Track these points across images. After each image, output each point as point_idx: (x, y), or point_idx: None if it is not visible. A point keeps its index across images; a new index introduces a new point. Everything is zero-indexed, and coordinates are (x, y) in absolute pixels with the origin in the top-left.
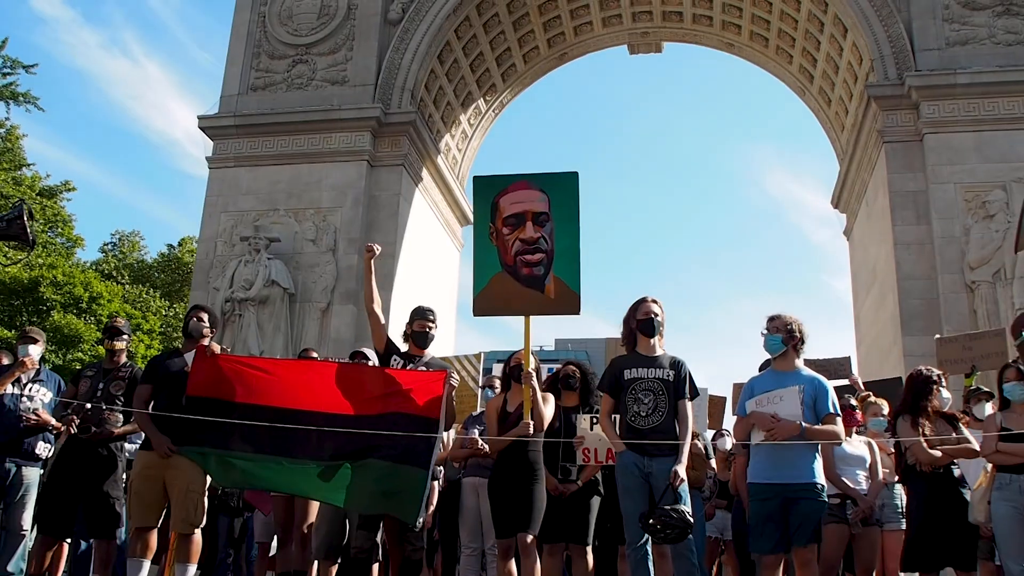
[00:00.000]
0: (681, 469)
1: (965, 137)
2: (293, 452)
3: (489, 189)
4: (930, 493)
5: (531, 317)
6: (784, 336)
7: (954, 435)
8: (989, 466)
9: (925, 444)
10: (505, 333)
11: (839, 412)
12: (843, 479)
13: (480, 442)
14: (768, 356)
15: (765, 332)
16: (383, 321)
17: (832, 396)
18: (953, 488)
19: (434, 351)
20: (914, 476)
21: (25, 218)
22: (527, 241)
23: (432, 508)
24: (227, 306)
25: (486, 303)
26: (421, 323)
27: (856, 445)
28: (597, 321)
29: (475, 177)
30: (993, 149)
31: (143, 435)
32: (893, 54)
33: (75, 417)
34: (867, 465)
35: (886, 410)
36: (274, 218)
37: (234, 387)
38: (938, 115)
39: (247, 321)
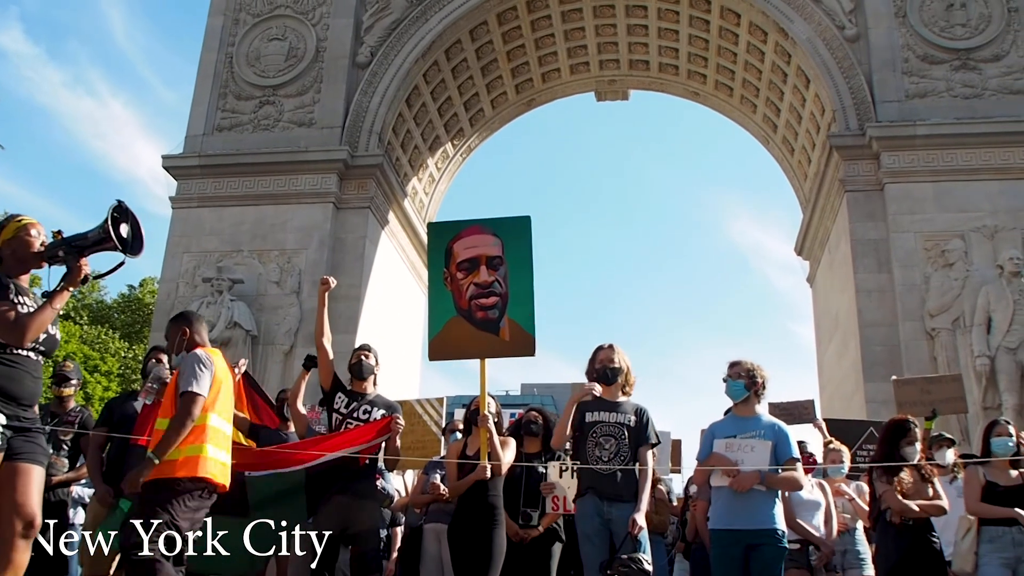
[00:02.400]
0: (640, 517)
1: (924, 187)
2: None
3: (443, 235)
4: (902, 540)
5: (487, 360)
6: (746, 381)
7: (930, 490)
8: (971, 516)
9: (899, 495)
10: (469, 377)
11: (799, 457)
12: (801, 523)
13: (441, 487)
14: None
15: (727, 378)
16: (331, 357)
17: (792, 442)
18: (924, 535)
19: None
20: (885, 523)
21: (111, 228)
22: (481, 285)
23: (394, 555)
24: None
25: (441, 347)
26: (356, 354)
27: (810, 491)
28: (563, 366)
29: (429, 224)
30: (951, 199)
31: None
32: (854, 105)
33: None
34: (822, 510)
35: (847, 457)
36: (238, 259)
37: None
38: (898, 165)
39: None
